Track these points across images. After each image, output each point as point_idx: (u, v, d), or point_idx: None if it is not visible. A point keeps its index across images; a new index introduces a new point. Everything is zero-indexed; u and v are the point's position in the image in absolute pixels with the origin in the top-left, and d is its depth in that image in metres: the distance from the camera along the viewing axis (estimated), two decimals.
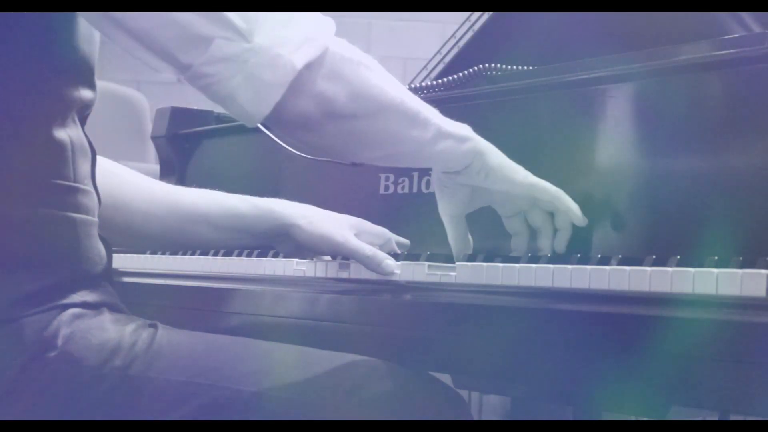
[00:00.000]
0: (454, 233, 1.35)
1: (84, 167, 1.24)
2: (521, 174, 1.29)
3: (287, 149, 1.48)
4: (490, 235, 1.31)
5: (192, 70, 1.10)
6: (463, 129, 1.26)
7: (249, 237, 1.51)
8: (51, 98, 1.18)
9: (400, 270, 1.29)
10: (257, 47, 1.09)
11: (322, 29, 1.14)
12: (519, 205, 1.31)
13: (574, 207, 1.28)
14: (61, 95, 1.19)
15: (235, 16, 1.08)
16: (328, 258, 1.45)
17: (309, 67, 1.11)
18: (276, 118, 1.13)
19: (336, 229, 1.39)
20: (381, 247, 1.39)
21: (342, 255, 1.41)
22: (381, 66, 1.21)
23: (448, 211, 1.34)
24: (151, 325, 1.24)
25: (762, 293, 0.94)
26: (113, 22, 1.11)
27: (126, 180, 1.48)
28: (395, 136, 1.22)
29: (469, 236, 1.35)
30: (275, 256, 1.48)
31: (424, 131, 1.22)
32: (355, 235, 1.40)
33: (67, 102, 1.19)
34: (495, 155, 1.28)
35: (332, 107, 1.14)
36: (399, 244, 1.47)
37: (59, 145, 1.19)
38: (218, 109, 2.05)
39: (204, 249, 1.60)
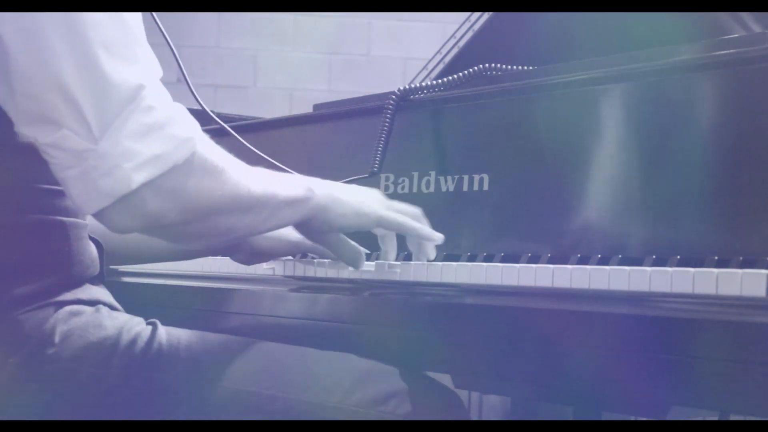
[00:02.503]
0: (335, 253, 1.34)
1: None
2: (367, 213, 1.30)
3: (287, 148, 1.48)
4: (490, 235, 1.31)
5: (37, 144, 1.09)
6: (301, 190, 1.26)
7: (206, 248, 1.51)
8: None
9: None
10: (100, 151, 1.06)
11: (180, 143, 1.11)
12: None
13: (422, 231, 1.31)
14: None
15: (93, 113, 1.06)
16: (289, 258, 1.46)
17: (145, 186, 1.08)
18: (99, 219, 1.11)
19: (290, 229, 1.39)
20: None
21: (302, 252, 1.44)
22: (232, 160, 1.18)
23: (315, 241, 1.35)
24: (150, 324, 1.24)
25: (762, 293, 0.94)
26: None
27: None
28: (229, 228, 1.21)
29: (353, 246, 1.34)
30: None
31: (259, 214, 1.22)
32: None
33: None
34: (338, 205, 1.29)
35: (160, 222, 1.12)
36: None
37: None
38: (217, 109, 2.05)
39: (160, 261, 1.60)
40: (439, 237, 1.31)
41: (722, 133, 1.17)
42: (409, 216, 1.32)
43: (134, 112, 1.07)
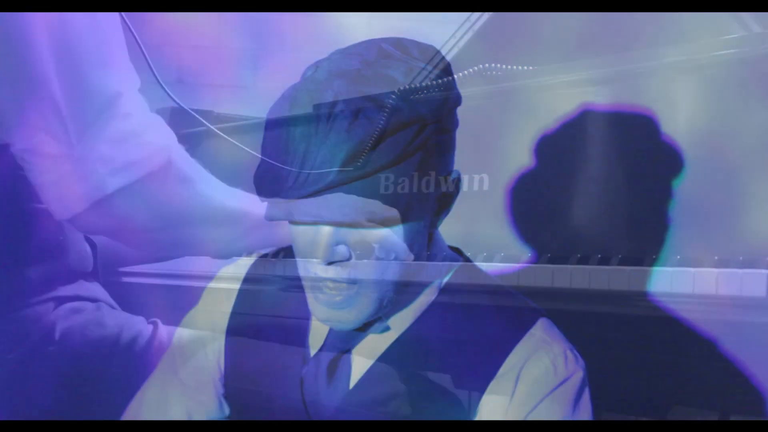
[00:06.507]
0: None
1: None
2: (319, 243, 1.20)
3: None
4: (491, 235, 1.31)
5: (12, 149, 1.09)
6: (280, 213, 1.22)
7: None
8: None
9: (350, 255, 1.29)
10: (76, 156, 1.07)
11: (156, 151, 1.12)
12: None
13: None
14: None
15: (72, 118, 1.07)
16: (290, 257, 1.46)
17: (120, 191, 1.10)
18: (72, 223, 1.13)
19: None
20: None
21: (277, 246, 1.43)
22: (205, 174, 1.20)
23: None
24: (150, 323, 1.24)
25: (762, 293, 0.94)
26: None
27: None
28: (201, 241, 1.22)
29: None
30: (275, 256, 1.48)
31: (233, 230, 1.24)
32: None
33: None
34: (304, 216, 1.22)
35: (130, 227, 1.14)
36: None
37: None
38: (218, 109, 2.05)
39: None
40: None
41: (722, 133, 1.17)
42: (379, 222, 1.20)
43: (112, 119, 1.08)
